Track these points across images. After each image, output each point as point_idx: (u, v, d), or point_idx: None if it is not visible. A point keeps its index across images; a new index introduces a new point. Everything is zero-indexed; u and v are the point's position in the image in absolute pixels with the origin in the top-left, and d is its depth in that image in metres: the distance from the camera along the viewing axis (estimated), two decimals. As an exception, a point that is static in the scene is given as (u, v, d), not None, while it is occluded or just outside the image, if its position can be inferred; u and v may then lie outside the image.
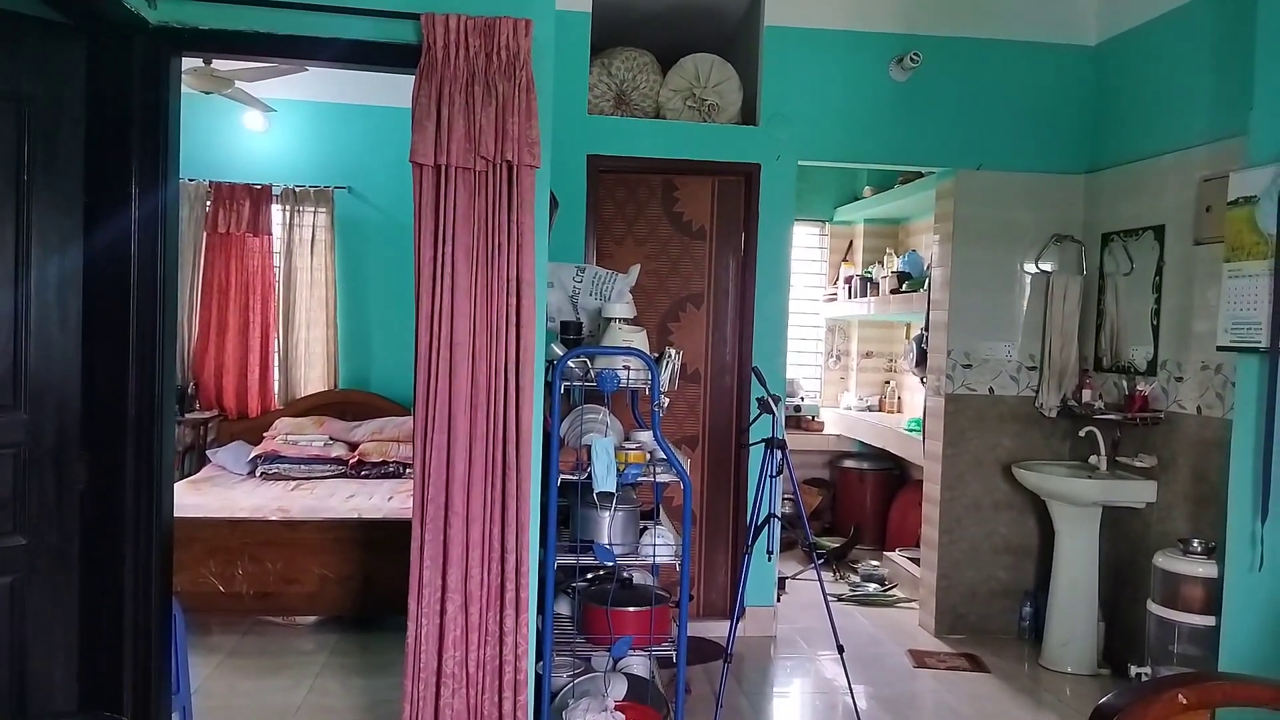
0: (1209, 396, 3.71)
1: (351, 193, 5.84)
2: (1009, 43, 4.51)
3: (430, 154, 2.49)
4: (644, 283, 4.43)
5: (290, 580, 4.23)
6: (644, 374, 2.99)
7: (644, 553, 3.01)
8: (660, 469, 3.00)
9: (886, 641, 4.52)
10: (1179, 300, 3.91)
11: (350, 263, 5.90)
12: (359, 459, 5.19)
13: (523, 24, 2.55)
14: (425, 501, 2.56)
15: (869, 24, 4.46)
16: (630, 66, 4.50)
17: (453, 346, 2.55)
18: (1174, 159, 3.95)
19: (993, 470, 4.58)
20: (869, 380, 6.79)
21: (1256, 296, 2.97)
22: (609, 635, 2.89)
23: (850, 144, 4.53)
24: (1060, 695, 3.91)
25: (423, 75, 2.51)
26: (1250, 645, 2.97)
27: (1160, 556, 3.58)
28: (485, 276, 2.57)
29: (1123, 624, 4.12)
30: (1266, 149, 2.96)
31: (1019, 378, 4.58)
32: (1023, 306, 4.57)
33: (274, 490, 4.79)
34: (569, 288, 3.42)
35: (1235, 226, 3.06)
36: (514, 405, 2.59)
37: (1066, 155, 4.55)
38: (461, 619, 2.59)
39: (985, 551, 4.61)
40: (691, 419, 4.63)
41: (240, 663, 3.92)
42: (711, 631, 4.34)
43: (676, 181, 4.57)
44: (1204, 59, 3.80)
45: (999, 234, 4.54)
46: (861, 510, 6.24)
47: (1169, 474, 3.92)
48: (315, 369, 5.85)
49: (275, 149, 5.83)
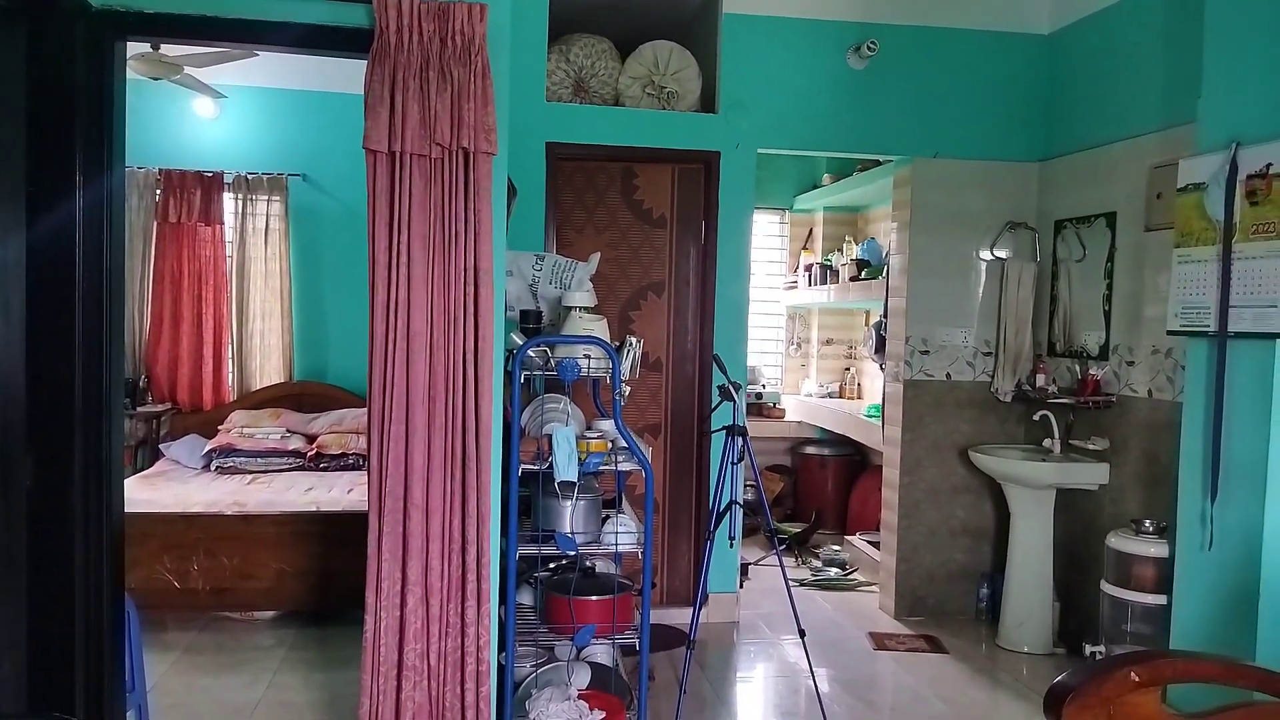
0: (1159, 380, 3.79)
1: (306, 180, 5.74)
2: (964, 31, 4.55)
3: (384, 140, 2.45)
4: (605, 271, 4.41)
5: (247, 575, 4.17)
6: (605, 362, 2.98)
7: (606, 541, 3.01)
8: (622, 457, 2.99)
9: (848, 625, 4.57)
10: (1130, 286, 3.99)
11: (306, 252, 5.80)
12: (317, 451, 5.12)
13: (478, 9, 2.51)
14: (383, 494, 2.53)
15: (826, 12, 4.48)
16: (589, 53, 4.47)
17: (410, 337, 2.51)
18: (1125, 147, 4.01)
19: (950, 455, 4.64)
20: (829, 367, 6.84)
21: (1205, 282, 3.03)
22: (572, 624, 2.88)
23: (809, 132, 4.55)
24: (1017, 675, 3.98)
25: (375, 60, 2.47)
26: (1200, 623, 3.05)
27: (1113, 537, 3.66)
28: (442, 265, 2.54)
29: (1077, 604, 4.20)
30: (1214, 136, 3.02)
31: (975, 363, 4.64)
32: (978, 293, 4.63)
33: (230, 484, 4.71)
34: (528, 276, 3.39)
35: (1184, 213, 3.12)
36: (473, 395, 2.57)
37: (1020, 143, 4.61)
38: (422, 611, 2.56)
39: (943, 535, 4.68)
40: (654, 407, 4.63)
41: (197, 659, 3.86)
42: (675, 619, 4.35)
43: (636, 169, 4.55)
44: (1154, 48, 3.87)
45: (955, 221, 4.59)
46: (823, 496, 6.30)
47: (1121, 456, 4.00)
48: (271, 360, 5.75)
49: (227, 136, 5.71)
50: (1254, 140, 2.85)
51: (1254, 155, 2.84)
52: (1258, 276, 2.85)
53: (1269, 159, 2.79)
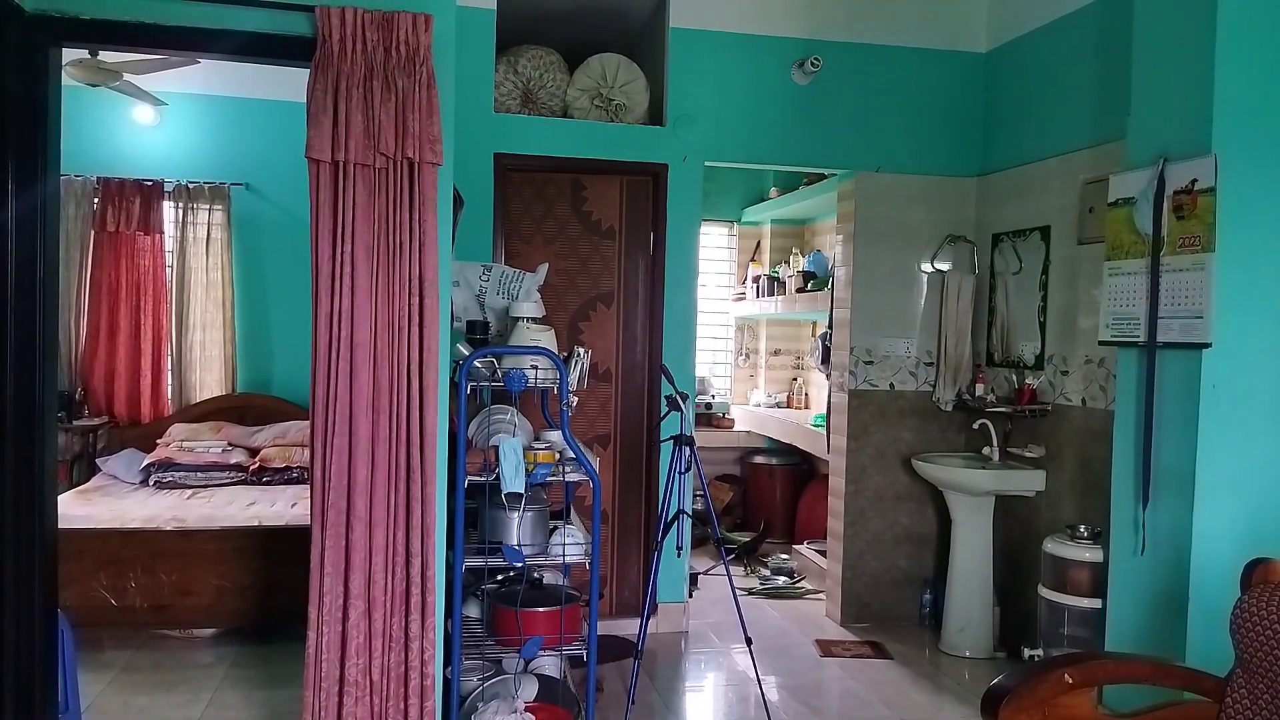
0: (1092, 389, 3.90)
1: (249, 189, 5.65)
2: (905, 49, 4.65)
3: (327, 150, 2.43)
4: (554, 282, 4.41)
5: (186, 592, 4.08)
6: (552, 373, 2.98)
7: (554, 553, 3.00)
8: (569, 468, 2.99)
9: (795, 632, 4.62)
10: (1064, 298, 4.10)
11: (249, 262, 5.71)
12: (260, 465, 5.03)
13: (422, 19, 2.51)
14: (325, 507, 2.50)
15: (771, 28, 4.54)
16: (537, 65, 4.48)
17: (353, 347, 2.49)
18: (1058, 162, 4.14)
19: (894, 463, 4.72)
20: (777, 377, 6.91)
21: (1135, 293, 3.13)
22: (519, 636, 2.87)
23: (755, 146, 4.61)
24: (959, 679, 4.05)
25: (318, 69, 2.45)
26: (1134, 625, 3.13)
27: (1049, 542, 3.74)
28: (387, 276, 2.52)
29: (1016, 608, 4.29)
30: (1143, 153, 3.12)
31: (917, 373, 4.73)
32: (920, 305, 4.72)
33: (169, 499, 4.61)
34: (475, 287, 3.38)
35: (1114, 227, 3.22)
36: (418, 407, 2.56)
37: (960, 158, 4.72)
38: (364, 625, 2.54)
39: (887, 542, 4.75)
40: (603, 418, 4.63)
41: (134, 678, 3.76)
42: (624, 629, 4.35)
43: (585, 181, 4.57)
44: (1087, 67, 3.99)
45: (897, 234, 4.68)
46: (771, 505, 6.36)
47: (1056, 463, 4.10)
48: (212, 372, 5.64)
49: (167, 144, 5.60)
50: (1180, 157, 2.95)
51: (1180, 171, 2.94)
52: (1185, 288, 2.95)
53: (1194, 175, 2.89)
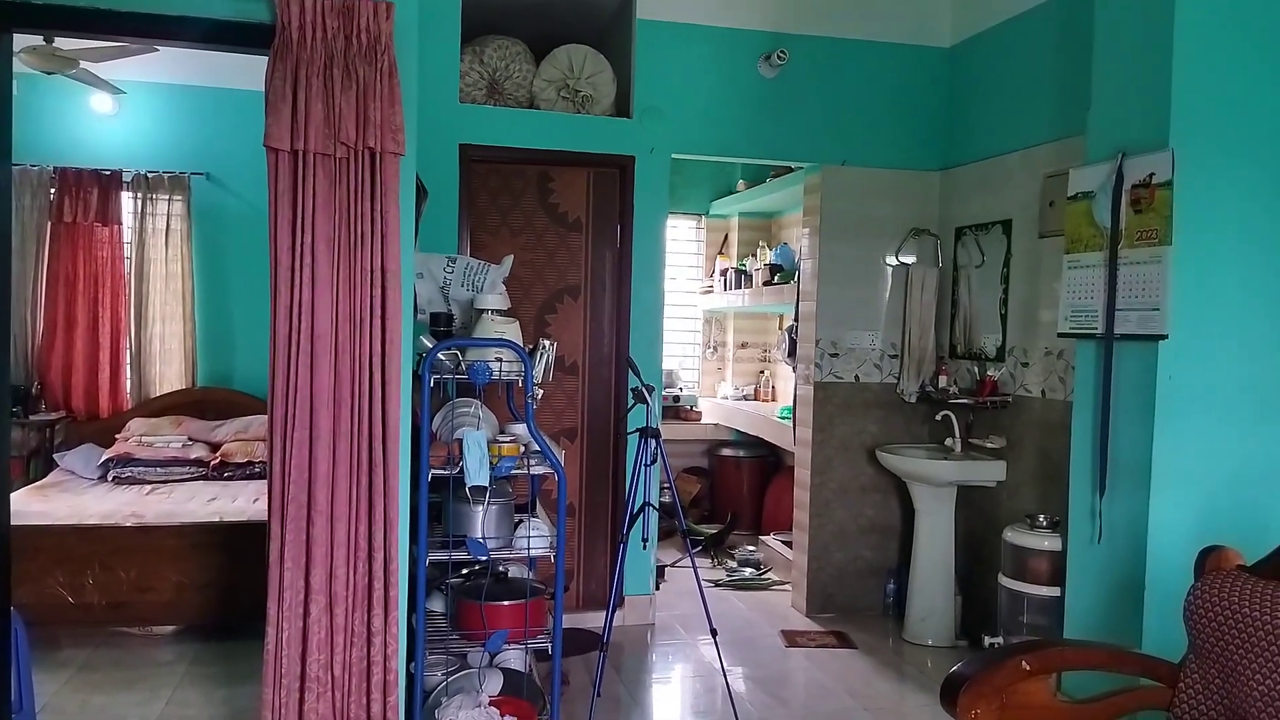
0: (1052, 380, 3.95)
1: (210, 179, 5.56)
2: (870, 43, 4.67)
3: (286, 139, 2.40)
4: (520, 274, 4.39)
5: (145, 589, 4.02)
6: (517, 366, 2.97)
7: (518, 546, 2.99)
8: (534, 461, 2.98)
9: (761, 623, 4.64)
10: (1025, 290, 4.15)
11: (209, 253, 5.62)
12: (221, 460, 4.96)
13: (384, 6, 2.48)
14: (285, 501, 2.47)
15: (738, 21, 4.54)
16: (503, 55, 4.45)
17: (314, 339, 2.46)
18: (1020, 156, 4.18)
19: (859, 454, 4.76)
20: (745, 370, 6.94)
21: (1093, 286, 3.17)
22: (483, 630, 2.86)
23: (722, 138, 4.61)
24: (922, 667, 4.10)
25: (277, 56, 2.41)
26: (1091, 613, 3.19)
27: (1009, 532, 3.79)
28: (348, 267, 2.49)
29: (978, 597, 4.35)
30: (1102, 147, 3.17)
31: (882, 365, 4.77)
32: (885, 297, 4.76)
33: (127, 495, 4.53)
34: (440, 278, 3.35)
35: (1074, 220, 3.27)
36: (380, 400, 2.53)
37: (924, 152, 4.76)
38: (326, 620, 2.51)
39: (852, 533, 4.79)
40: (570, 411, 4.62)
41: (92, 677, 3.70)
42: (591, 622, 4.35)
43: (551, 172, 4.55)
44: (1048, 61, 4.03)
45: (863, 228, 4.71)
46: (739, 497, 6.38)
47: (1017, 454, 4.16)
48: (172, 366, 5.55)
49: (126, 133, 5.49)
50: (1138, 151, 3.00)
51: (1138, 165, 2.99)
52: (1142, 281, 3.00)
53: (1152, 169, 2.94)
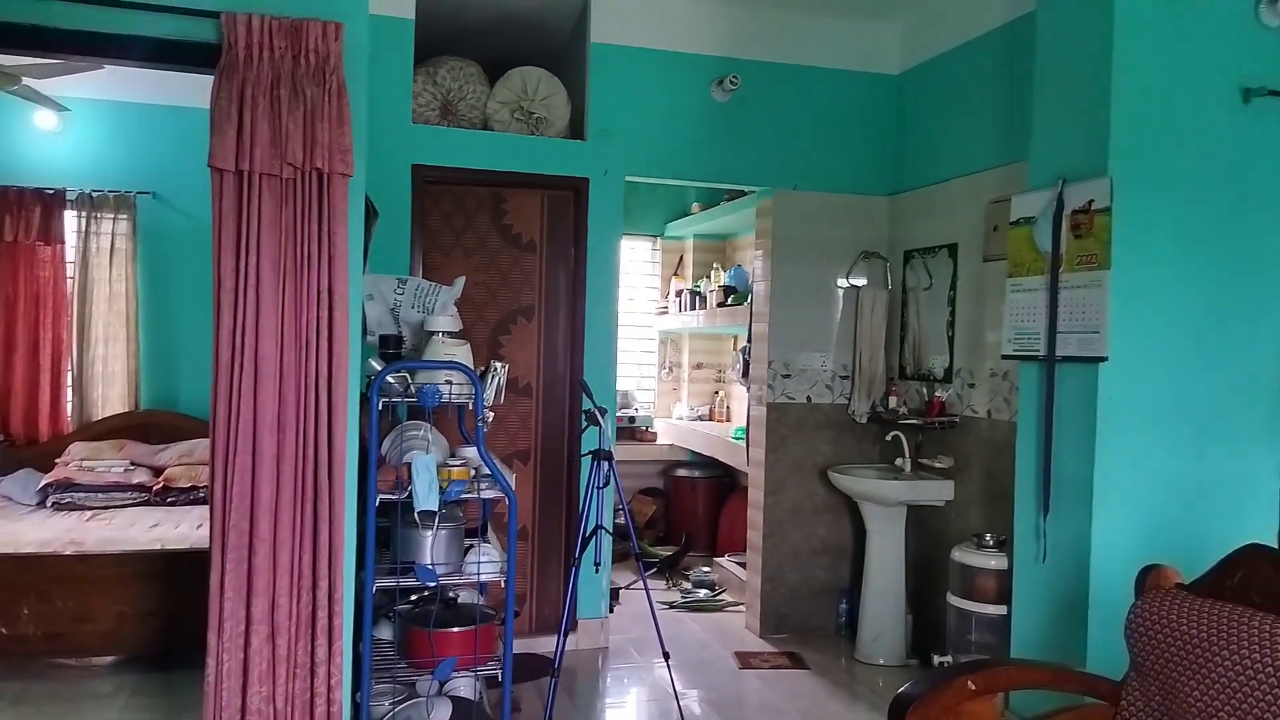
0: (997, 401, 4.02)
1: (157, 199, 5.46)
2: (820, 69, 4.75)
3: (231, 159, 2.37)
4: (474, 295, 4.37)
5: (84, 619, 3.91)
6: (468, 388, 2.94)
7: (469, 571, 2.96)
8: (485, 485, 2.96)
9: (715, 645, 4.64)
10: (971, 313, 4.23)
11: (155, 274, 5.51)
12: (164, 485, 4.84)
13: (333, 27, 2.47)
14: (226, 529, 2.42)
15: (691, 46, 4.59)
16: (456, 76, 4.44)
17: (258, 362, 2.42)
18: (965, 182, 4.27)
19: (811, 475, 4.79)
20: (700, 391, 6.96)
21: (1035, 309, 3.25)
22: (432, 658, 2.82)
23: (676, 161, 4.64)
24: (874, 687, 4.12)
25: (223, 76, 2.39)
26: (1037, 631, 3.23)
27: (957, 551, 3.84)
28: (294, 289, 2.46)
29: (928, 616, 4.39)
30: (1043, 174, 3.25)
31: (834, 386, 4.82)
32: (836, 319, 4.81)
33: (67, 521, 4.40)
34: (390, 300, 3.32)
35: (1016, 245, 3.35)
36: (326, 423, 2.50)
37: (873, 177, 4.83)
38: (268, 651, 2.46)
39: (805, 553, 4.82)
40: (524, 433, 4.60)
41: (26, 710, 3.57)
42: (544, 646, 4.31)
43: (505, 194, 4.54)
44: (992, 90, 4.13)
45: (814, 251, 4.77)
46: (694, 518, 6.38)
47: (964, 474, 4.22)
48: (115, 388, 5.41)
49: (70, 151, 5.38)
50: (1077, 178, 3.08)
51: (1078, 192, 3.08)
52: (1082, 304, 3.07)
53: (1090, 195, 3.03)
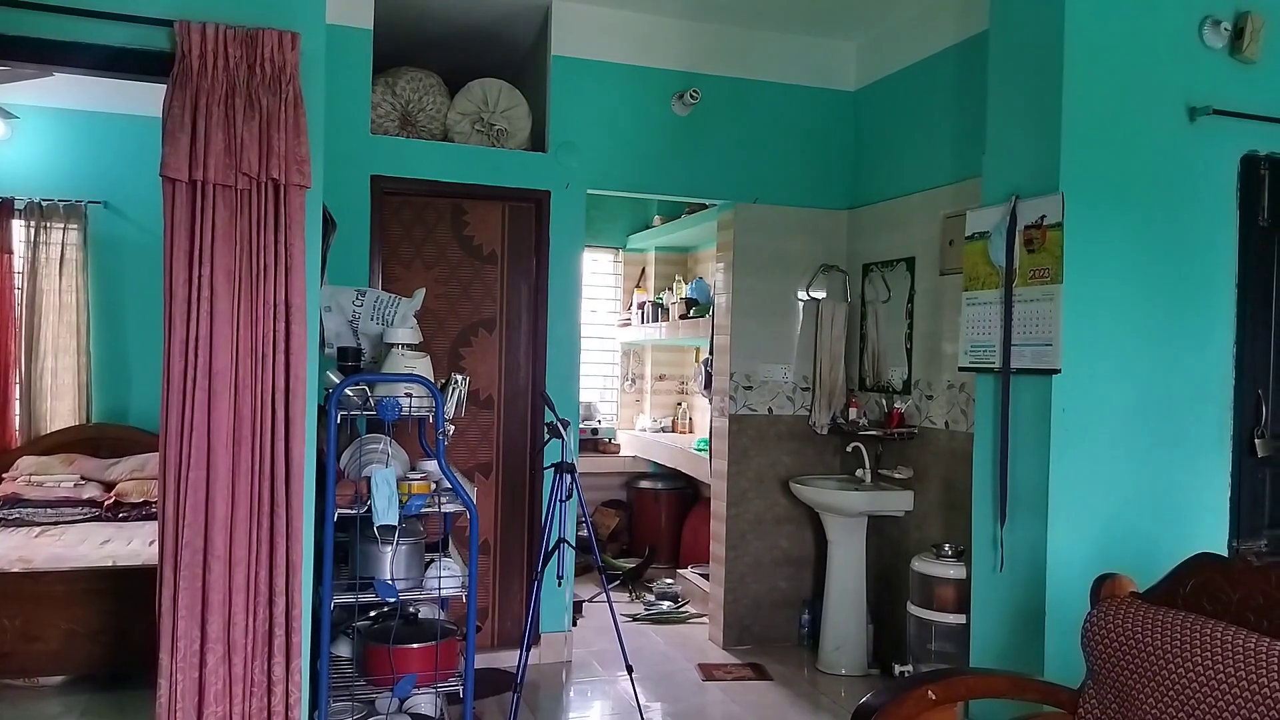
0: (955, 413, 4.08)
1: (108, 208, 5.36)
2: (780, 85, 4.79)
3: (184, 168, 2.33)
4: (434, 307, 4.34)
5: (32, 637, 3.80)
6: (428, 401, 2.92)
7: (429, 586, 2.92)
8: (446, 499, 2.93)
9: (678, 657, 4.63)
10: (928, 325, 4.29)
11: (106, 284, 5.39)
12: (116, 500, 4.73)
13: (289, 36, 2.44)
14: (179, 546, 2.36)
15: (652, 60, 4.61)
16: (416, 87, 4.42)
17: (212, 375, 2.38)
18: (922, 197, 4.33)
19: (773, 486, 4.81)
20: (662, 402, 6.97)
21: (990, 322, 3.30)
22: (392, 675, 2.78)
23: (637, 175, 4.65)
24: (836, 698, 4.14)
25: (176, 84, 2.35)
26: (995, 640, 3.27)
27: (916, 561, 3.88)
28: (249, 301, 2.42)
29: (889, 626, 4.42)
30: (997, 190, 3.31)
31: (794, 398, 4.85)
32: (797, 331, 4.85)
33: (15, 538, 4.28)
34: (349, 312, 3.28)
35: (971, 259, 3.40)
36: (283, 437, 2.46)
37: (832, 191, 4.89)
38: (224, 670, 2.40)
39: (768, 564, 4.83)
40: (485, 446, 4.56)
41: (-33, 736, 3.47)
42: (506, 661, 4.27)
43: (466, 205, 4.52)
44: (947, 107, 4.20)
45: (774, 264, 4.80)
46: (657, 530, 6.38)
47: (923, 484, 4.26)
48: (64, 401, 5.28)
49: (19, 159, 5.26)
50: (1030, 194, 3.14)
51: (1030, 207, 3.13)
52: (1035, 317, 3.13)
53: (1043, 211, 3.08)
